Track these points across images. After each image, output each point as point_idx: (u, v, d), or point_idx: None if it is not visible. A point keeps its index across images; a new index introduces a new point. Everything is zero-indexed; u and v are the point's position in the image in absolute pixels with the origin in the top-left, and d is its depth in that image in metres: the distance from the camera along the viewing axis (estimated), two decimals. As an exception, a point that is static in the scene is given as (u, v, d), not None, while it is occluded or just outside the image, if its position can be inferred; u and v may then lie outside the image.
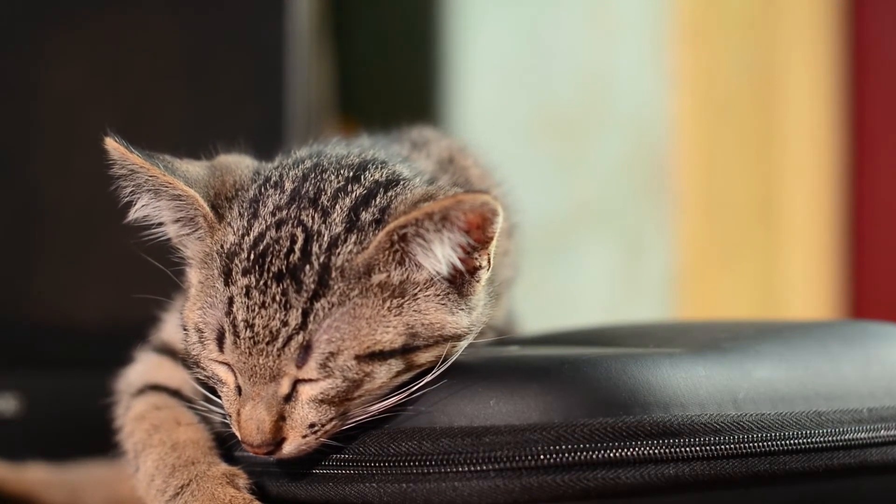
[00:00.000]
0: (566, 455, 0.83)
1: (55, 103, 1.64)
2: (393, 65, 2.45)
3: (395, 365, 0.85)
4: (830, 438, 0.91)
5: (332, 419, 0.85)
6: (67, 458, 1.35)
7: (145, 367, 1.01)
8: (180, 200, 0.89)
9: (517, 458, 0.83)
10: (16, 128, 1.64)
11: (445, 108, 2.42)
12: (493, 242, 0.86)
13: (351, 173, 0.89)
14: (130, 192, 0.90)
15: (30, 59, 1.64)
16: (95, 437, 1.03)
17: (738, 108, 2.38)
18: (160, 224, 0.91)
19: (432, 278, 0.86)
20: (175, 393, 0.98)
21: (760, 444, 0.88)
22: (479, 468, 0.83)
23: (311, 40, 1.77)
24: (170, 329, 1.01)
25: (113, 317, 1.59)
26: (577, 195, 2.39)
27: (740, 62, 2.38)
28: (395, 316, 0.85)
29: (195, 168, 0.92)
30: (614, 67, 2.38)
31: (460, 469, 0.84)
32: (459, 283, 0.87)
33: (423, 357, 0.86)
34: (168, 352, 1.01)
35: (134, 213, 0.91)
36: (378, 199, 0.87)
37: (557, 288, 2.38)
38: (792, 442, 0.89)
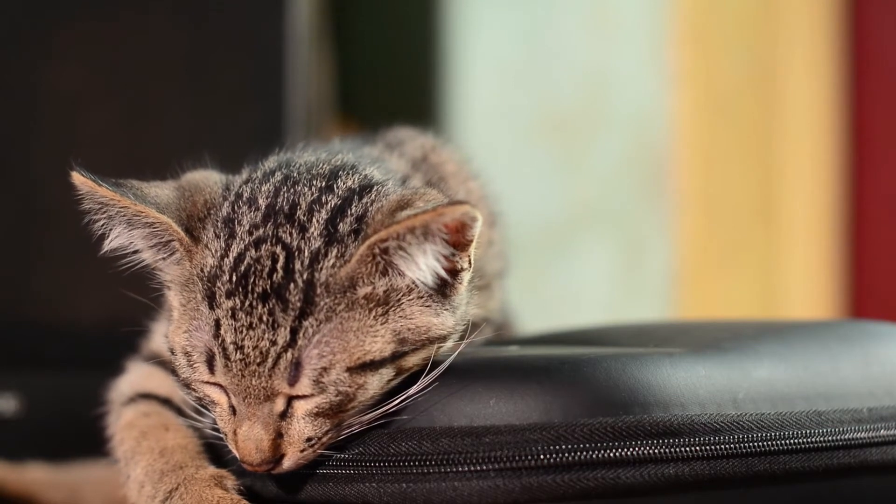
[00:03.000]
0: (566, 455, 0.83)
1: (55, 103, 1.64)
2: (393, 65, 2.45)
3: (387, 374, 0.85)
4: (830, 438, 0.91)
5: (327, 431, 0.85)
6: (67, 458, 1.34)
7: (135, 376, 1.01)
8: (154, 228, 0.89)
9: (517, 458, 0.83)
10: (16, 128, 1.64)
11: (445, 108, 2.42)
12: (473, 244, 0.86)
13: (323, 183, 0.89)
14: (103, 224, 0.90)
15: (30, 59, 1.64)
16: (95, 437, 1.03)
17: (737, 107, 2.38)
18: (136, 252, 0.91)
19: (415, 283, 0.86)
20: (165, 401, 0.98)
21: (760, 443, 0.88)
22: (479, 468, 0.83)
23: (311, 40, 1.77)
24: (158, 339, 1.01)
25: (113, 317, 1.58)
26: (577, 195, 2.38)
27: (740, 62, 2.38)
28: (381, 325, 0.85)
29: (164, 191, 0.91)
30: (614, 67, 2.38)
31: (460, 469, 0.84)
32: (442, 285, 0.87)
33: (412, 360, 0.87)
34: (157, 361, 1.00)
35: (109, 245, 0.90)
36: (353, 208, 0.87)
37: (557, 288, 2.38)
38: (792, 442, 0.89)
